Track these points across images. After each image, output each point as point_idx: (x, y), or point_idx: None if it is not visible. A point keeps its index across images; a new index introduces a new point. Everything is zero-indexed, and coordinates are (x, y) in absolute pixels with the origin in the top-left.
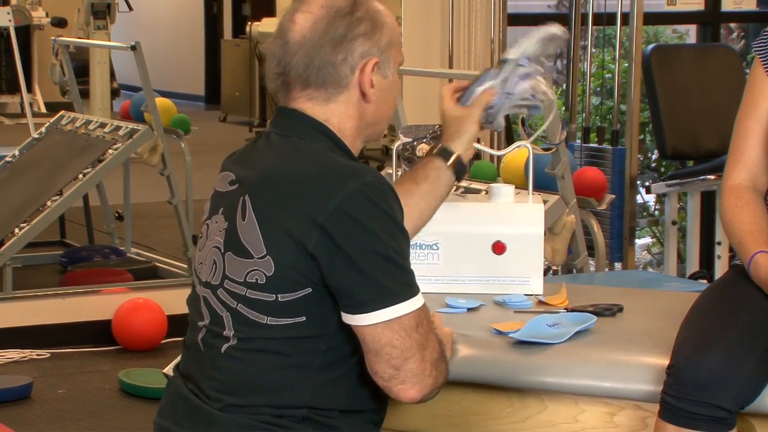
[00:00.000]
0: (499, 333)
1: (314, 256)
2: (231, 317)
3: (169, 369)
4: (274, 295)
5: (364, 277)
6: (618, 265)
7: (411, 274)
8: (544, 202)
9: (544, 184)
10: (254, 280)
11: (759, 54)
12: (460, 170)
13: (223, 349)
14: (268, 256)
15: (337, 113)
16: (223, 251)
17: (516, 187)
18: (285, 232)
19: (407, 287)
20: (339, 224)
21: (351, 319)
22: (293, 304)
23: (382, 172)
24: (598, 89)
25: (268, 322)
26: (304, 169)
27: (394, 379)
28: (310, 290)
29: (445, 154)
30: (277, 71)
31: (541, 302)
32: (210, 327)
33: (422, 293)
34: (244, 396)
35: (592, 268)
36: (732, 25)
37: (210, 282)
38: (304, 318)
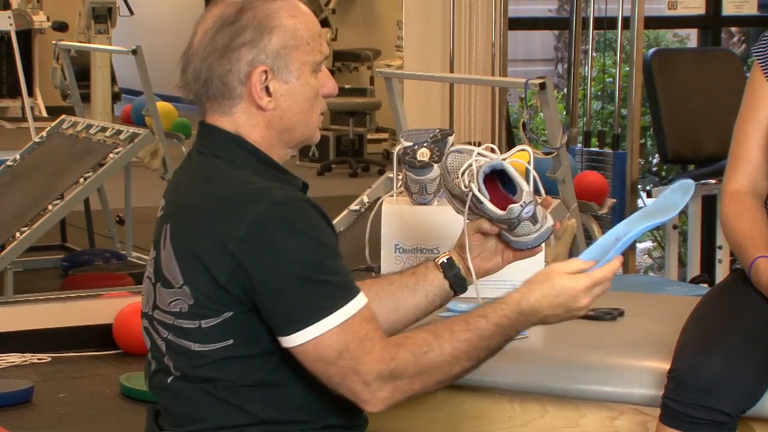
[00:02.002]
0: None
1: (226, 288)
2: (165, 346)
3: None
4: (198, 322)
5: (283, 300)
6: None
7: (336, 285)
8: None
9: (545, 188)
10: (178, 309)
11: (758, 59)
12: (449, 273)
13: (168, 381)
14: (185, 286)
15: (242, 124)
16: (153, 281)
17: None
18: (199, 262)
19: (332, 301)
20: (249, 249)
21: (282, 342)
22: (217, 329)
23: (383, 176)
24: (599, 93)
25: (195, 349)
26: (212, 193)
27: (341, 389)
28: (232, 313)
29: (443, 259)
30: (180, 83)
31: None
32: (154, 357)
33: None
34: (195, 423)
35: None
36: (733, 29)
37: (147, 312)
38: (231, 341)
